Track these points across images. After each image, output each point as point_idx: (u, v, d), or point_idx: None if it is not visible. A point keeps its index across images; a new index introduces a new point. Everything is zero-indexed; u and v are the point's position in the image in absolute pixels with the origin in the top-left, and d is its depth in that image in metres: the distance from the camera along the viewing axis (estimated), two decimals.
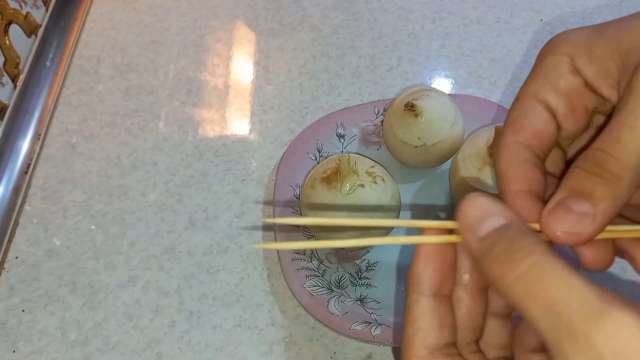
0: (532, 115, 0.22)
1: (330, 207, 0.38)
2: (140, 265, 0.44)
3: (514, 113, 0.23)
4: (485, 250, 0.18)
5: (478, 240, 0.19)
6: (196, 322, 0.41)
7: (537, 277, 0.16)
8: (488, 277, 0.18)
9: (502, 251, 0.17)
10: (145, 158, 0.51)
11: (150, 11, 0.64)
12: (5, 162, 0.50)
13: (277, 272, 0.43)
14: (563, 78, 0.22)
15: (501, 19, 0.60)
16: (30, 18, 0.59)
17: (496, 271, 0.17)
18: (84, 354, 0.40)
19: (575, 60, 0.22)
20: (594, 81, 0.22)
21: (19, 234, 0.47)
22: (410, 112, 0.42)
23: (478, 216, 0.19)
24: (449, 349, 0.20)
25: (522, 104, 0.23)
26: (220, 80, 0.57)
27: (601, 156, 0.20)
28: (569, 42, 0.23)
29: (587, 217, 0.19)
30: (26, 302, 0.43)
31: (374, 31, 0.60)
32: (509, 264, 0.17)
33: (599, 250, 0.21)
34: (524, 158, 0.22)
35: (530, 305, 0.16)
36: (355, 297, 0.40)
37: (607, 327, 0.15)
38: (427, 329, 0.20)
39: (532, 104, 0.23)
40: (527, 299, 0.16)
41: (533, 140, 0.22)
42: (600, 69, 0.22)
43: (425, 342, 0.20)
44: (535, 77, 0.23)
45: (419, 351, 0.20)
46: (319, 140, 0.49)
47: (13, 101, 0.54)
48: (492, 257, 0.18)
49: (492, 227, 0.19)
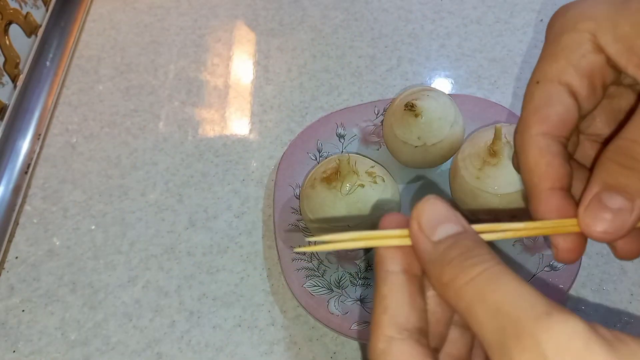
0: (557, 102, 0.21)
1: (330, 207, 0.38)
2: (140, 265, 0.44)
3: (537, 99, 0.21)
4: (439, 254, 0.18)
5: (431, 243, 0.18)
6: (196, 322, 0.41)
7: (488, 281, 0.16)
8: (437, 280, 0.18)
9: (457, 256, 0.17)
10: (145, 158, 0.51)
11: (150, 11, 0.64)
12: (5, 162, 0.50)
13: (277, 272, 0.43)
14: (586, 58, 0.21)
15: (501, 19, 0.60)
16: (30, 18, 0.59)
17: (448, 275, 0.17)
18: (84, 354, 0.40)
19: (598, 38, 0.21)
20: (619, 60, 0.21)
21: (19, 234, 0.47)
22: (410, 112, 0.42)
23: (434, 220, 0.19)
24: (419, 335, 0.18)
25: (545, 88, 0.21)
26: (220, 80, 0.57)
27: (633, 147, 0.19)
28: (589, 17, 0.21)
29: (624, 213, 0.19)
30: (26, 302, 0.43)
31: (374, 31, 0.60)
32: (463, 268, 0.17)
33: (632, 240, 0.21)
34: (555, 152, 0.21)
35: (477, 308, 0.16)
36: (355, 297, 0.40)
37: (553, 327, 0.15)
38: (396, 307, 0.18)
39: (557, 89, 0.21)
40: (475, 301, 0.16)
41: (559, 129, 0.21)
42: (626, 48, 0.20)
43: (394, 320, 0.18)
44: (555, 56, 0.21)
45: (388, 330, 0.18)
46: (319, 140, 0.49)
47: (13, 101, 0.54)
48: (445, 261, 0.17)
49: (447, 233, 0.18)
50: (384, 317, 0.18)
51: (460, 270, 0.17)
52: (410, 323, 0.18)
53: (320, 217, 0.38)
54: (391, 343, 0.18)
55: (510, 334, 0.15)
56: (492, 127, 0.38)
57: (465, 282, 0.16)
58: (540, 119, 0.21)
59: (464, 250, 0.17)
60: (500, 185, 0.38)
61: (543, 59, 0.22)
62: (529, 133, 0.21)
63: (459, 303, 0.17)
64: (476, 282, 0.16)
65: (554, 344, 0.14)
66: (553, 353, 0.14)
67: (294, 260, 0.41)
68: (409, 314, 0.18)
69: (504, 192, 0.38)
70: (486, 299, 0.16)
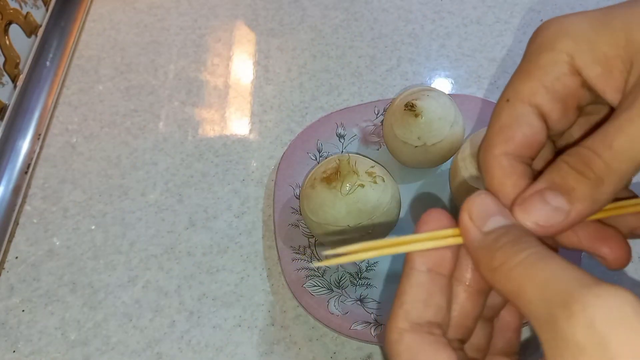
0: (524, 123, 0.21)
1: (330, 207, 0.38)
2: (140, 265, 0.44)
3: (504, 119, 0.21)
4: (490, 242, 0.19)
5: (481, 233, 0.19)
6: (196, 322, 0.41)
7: (537, 261, 0.17)
8: (486, 266, 0.18)
9: (507, 243, 0.18)
10: (145, 158, 0.51)
11: (150, 11, 0.64)
12: (5, 162, 0.50)
13: (277, 272, 0.43)
14: (560, 81, 0.21)
15: (501, 19, 0.60)
16: (30, 18, 0.59)
17: (499, 259, 0.18)
18: (84, 354, 0.40)
19: (575, 59, 0.20)
20: (597, 83, 0.20)
21: (19, 234, 0.47)
22: (410, 112, 0.42)
23: (484, 212, 0.20)
24: (431, 327, 0.19)
25: (514, 108, 0.21)
26: (220, 80, 0.57)
27: (590, 156, 0.19)
28: (568, 35, 0.21)
29: (560, 213, 0.19)
30: (26, 302, 0.43)
31: (374, 31, 0.60)
32: (513, 252, 0.18)
33: (618, 247, 0.21)
34: (520, 172, 0.21)
35: (526, 286, 0.17)
36: (355, 297, 0.40)
37: (601, 294, 0.15)
38: (412, 302, 0.20)
39: (525, 110, 0.21)
40: (525, 280, 0.17)
41: (524, 150, 0.21)
42: (605, 71, 0.20)
43: (408, 315, 0.19)
44: (529, 75, 0.21)
45: (401, 323, 0.19)
46: (319, 140, 0.49)
47: (13, 101, 0.54)
48: (496, 247, 0.18)
49: (497, 225, 0.19)
50: (399, 310, 0.20)
51: (510, 254, 0.18)
52: (422, 318, 0.19)
53: (321, 217, 0.38)
54: (403, 334, 0.19)
55: (558, 303, 0.16)
56: None
57: (515, 264, 0.17)
58: (505, 139, 0.21)
59: (513, 238, 0.18)
60: None
61: (517, 76, 0.21)
62: (492, 152, 0.21)
63: (508, 285, 0.17)
64: (525, 263, 0.17)
65: (603, 310, 0.15)
66: (601, 319, 0.15)
67: (294, 260, 0.41)
68: (423, 310, 0.20)
69: None
70: (535, 277, 0.17)
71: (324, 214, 0.38)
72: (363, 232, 0.38)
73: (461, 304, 0.21)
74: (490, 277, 0.18)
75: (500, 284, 0.18)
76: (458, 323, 0.21)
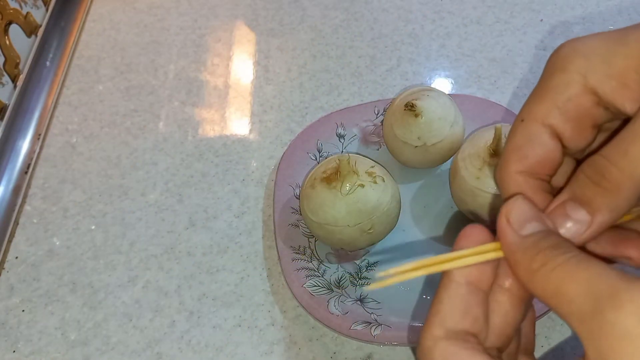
0: (537, 143, 0.21)
1: (330, 207, 0.38)
2: (140, 265, 0.44)
3: (518, 138, 0.22)
4: (530, 245, 0.19)
5: (519, 237, 0.20)
6: (196, 322, 0.41)
7: (578, 264, 0.18)
8: (526, 268, 0.19)
9: (547, 247, 0.19)
10: (145, 158, 0.51)
11: (150, 11, 0.64)
12: (5, 162, 0.50)
13: (277, 272, 0.43)
14: (572, 101, 0.21)
15: (501, 19, 0.60)
16: (30, 18, 0.59)
17: (539, 262, 0.18)
18: (84, 354, 0.40)
19: (589, 78, 0.21)
20: (613, 97, 0.20)
21: (19, 234, 0.47)
22: (410, 112, 0.42)
23: (522, 217, 0.20)
24: (466, 335, 0.20)
25: (527, 128, 0.22)
26: (220, 80, 0.57)
27: (605, 165, 0.19)
28: (580, 55, 0.21)
29: (582, 224, 0.20)
30: (26, 302, 0.43)
31: (374, 31, 0.60)
32: (553, 255, 0.18)
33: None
34: (535, 188, 0.22)
35: (568, 286, 0.17)
36: (355, 297, 0.40)
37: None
38: (449, 312, 0.20)
39: (538, 130, 0.21)
40: (566, 281, 0.17)
41: (538, 168, 0.22)
42: (620, 83, 0.20)
43: (444, 323, 0.20)
44: (541, 97, 0.22)
45: (436, 330, 0.20)
46: (319, 140, 0.49)
47: (13, 101, 0.54)
48: (536, 250, 0.19)
49: (535, 230, 0.20)
50: (435, 318, 0.20)
51: (551, 257, 0.18)
52: (458, 327, 0.20)
53: (321, 217, 0.38)
54: (437, 341, 0.19)
55: (604, 296, 0.16)
56: (492, 127, 0.38)
57: (556, 266, 0.18)
58: (519, 157, 0.22)
59: (553, 243, 0.19)
60: None
61: (531, 97, 0.22)
62: (507, 170, 0.22)
63: (547, 286, 0.18)
64: (567, 265, 0.18)
65: None
66: None
67: (294, 260, 0.41)
68: (460, 320, 0.20)
69: None
70: (577, 277, 0.17)
71: (324, 214, 0.38)
72: (363, 232, 0.38)
73: (504, 313, 0.21)
74: (528, 279, 0.19)
75: (539, 286, 0.18)
76: (499, 332, 0.21)
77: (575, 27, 0.59)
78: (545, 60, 0.23)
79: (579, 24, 0.59)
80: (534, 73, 0.55)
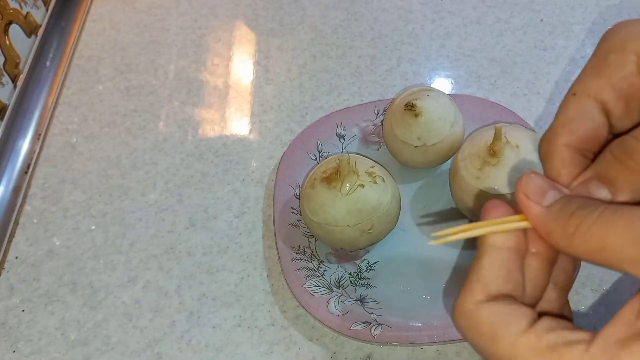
0: (589, 117, 0.22)
1: (330, 207, 0.38)
2: (140, 265, 0.44)
3: (570, 111, 0.22)
4: (558, 212, 0.20)
5: (543, 208, 0.20)
6: (196, 322, 0.41)
7: (614, 214, 0.18)
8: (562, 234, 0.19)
9: (577, 208, 0.19)
10: (145, 158, 0.51)
11: (150, 11, 0.64)
12: (5, 162, 0.50)
13: (277, 272, 0.43)
14: (627, 79, 0.21)
15: (501, 19, 0.60)
16: (30, 18, 0.59)
17: (573, 224, 0.19)
18: (84, 354, 0.40)
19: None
20: None
21: (19, 234, 0.47)
22: (410, 112, 0.42)
23: (539, 189, 0.21)
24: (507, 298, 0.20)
25: (580, 102, 0.22)
26: (220, 80, 0.57)
27: (634, 144, 0.19)
28: (638, 37, 0.21)
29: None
30: (26, 302, 0.43)
31: (374, 31, 0.60)
32: (585, 214, 0.19)
33: None
34: (578, 164, 0.22)
35: (611, 237, 0.18)
36: (355, 297, 0.40)
37: None
38: (492, 277, 0.20)
39: (591, 105, 0.22)
40: (608, 232, 0.18)
41: (585, 144, 0.22)
42: None
43: (486, 288, 0.20)
44: (597, 73, 0.22)
45: (478, 295, 0.20)
46: (319, 140, 0.49)
47: (13, 101, 0.54)
48: (567, 215, 0.19)
49: (554, 198, 0.20)
50: (477, 285, 0.20)
51: (584, 215, 0.19)
52: (500, 292, 0.20)
53: (321, 217, 0.38)
54: (480, 305, 0.20)
55: None
56: (492, 127, 0.38)
57: (592, 222, 0.18)
58: (569, 130, 0.22)
59: (580, 203, 0.19)
60: (500, 185, 0.38)
61: (585, 72, 0.22)
62: (555, 142, 0.22)
63: (589, 243, 0.18)
64: (603, 218, 0.18)
65: None
66: None
67: (294, 260, 0.41)
68: (502, 284, 0.20)
69: (504, 192, 0.38)
70: (618, 224, 0.18)
71: (324, 214, 0.38)
72: (363, 232, 0.38)
73: (534, 276, 0.22)
74: (567, 244, 0.19)
75: (581, 246, 0.18)
76: (530, 294, 0.22)
77: (575, 27, 0.59)
78: (545, 60, 0.23)
79: (579, 24, 0.59)
80: (534, 73, 0.55)
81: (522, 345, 0.19)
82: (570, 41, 0.57)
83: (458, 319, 0.21)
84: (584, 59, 0.56)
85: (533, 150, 0.38)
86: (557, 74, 0.55)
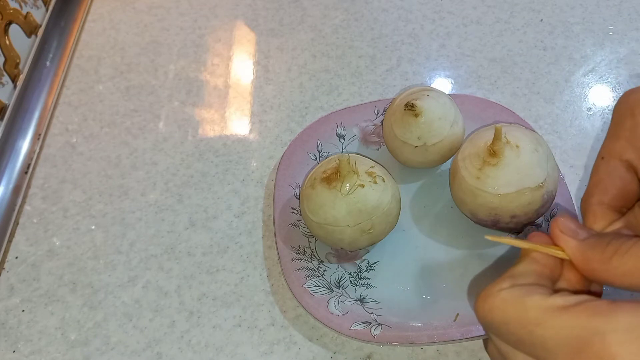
0: (617, 176, 0.25)
1: (330, 207, 0.38)
2: (140, 265, 0.44)
3: (601, 173, 0.26)
4: (594, 243, 0.23)
5: (579, 241, 0.24)
6: (196, 322, 0.41)
7: None
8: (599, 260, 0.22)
9: (612, 238, 0.22)
10: (145, 158, 0.51)
11: (150, 11, 0.64)
12: (5, 162, 0.50)
13: (277, 272, 0.43)
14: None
15: (501, 19, 0.60)
16: (30, 18, 0.59)
17: (610, 251, 0.22)
18: (84, 354, 0.40)
19: None
20: None
21: (19, 234, 0.47)
22: (410, 112, 0.42)
23: (572, 228, 0.24)
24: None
25: (608, 164, 0.26)
26: (220, 80, 0.57)
27: None
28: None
29: None
30: (26, 302, 0.43)
31: (374, 31, 0.60)
32: (621, 242, 0.22)
33: None
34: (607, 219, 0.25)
35: None
36: (355, 297, 0.40)
37: None
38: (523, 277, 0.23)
39: (617, 165, 0.26)
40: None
41: (617, 200, 0.25)
42: None
43: (514, 280, 0.23)
44: (617, 137, 0.26)
45: (505, 285, 0.23)
46: (319, 140, 0.49)
47: (13, 101, 0.54)
48: (603, 243, 0.22)
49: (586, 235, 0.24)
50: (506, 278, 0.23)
51: (619, 244, 0.22)
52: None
53: (321, 217, 0.38)
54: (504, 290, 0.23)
55: None
56: (492, 127, 0.38)
57: (628, 248, 0.21)
58: (601, 190, 0.26)
59: (615, 235, 0.22)
60: (500, 185, 0.38)
61: (608, 138, 0.27)
62: (589, 201, 0.26)
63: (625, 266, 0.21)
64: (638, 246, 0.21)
65: None
66: None
67: (294, 260, 0.41)
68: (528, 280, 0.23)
69: (504, 192, 0.38)
70: None
71: (324, 214, 0.38)
72: (363, 232, 0.38)
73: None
74: (605, 268, 0.22)
75: (618, 268, 0.21)
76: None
77: (575, 27, 0.59)
78: (545, 60, 0.25)
79: (579, 24, 0.59)
80: (534, 73, 0.55)
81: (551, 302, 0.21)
82: (570, 41, 0.57)
83: (482, 302, 0.23)
84: (584, 59, 0.56)
85: (533, 150, 0.38)
86: (557, 74, 0.55)
